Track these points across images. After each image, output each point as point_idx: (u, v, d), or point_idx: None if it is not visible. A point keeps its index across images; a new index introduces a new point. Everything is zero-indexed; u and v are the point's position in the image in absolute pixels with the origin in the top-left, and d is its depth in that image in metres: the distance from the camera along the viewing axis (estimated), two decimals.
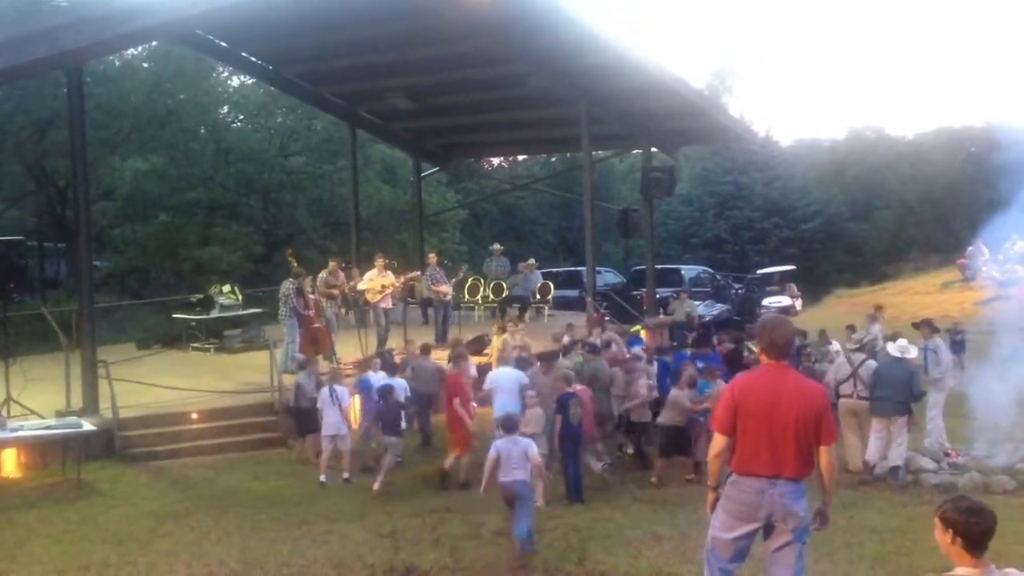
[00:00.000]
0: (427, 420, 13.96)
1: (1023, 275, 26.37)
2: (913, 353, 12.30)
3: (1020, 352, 14.60)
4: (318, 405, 12.45)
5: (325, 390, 12.38)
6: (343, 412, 12.29)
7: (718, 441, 5.94)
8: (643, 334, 17.76)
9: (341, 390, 12.44)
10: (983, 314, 20.36)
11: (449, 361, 13.76)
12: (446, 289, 19.15)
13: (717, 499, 5.98)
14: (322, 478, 11.96)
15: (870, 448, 11.85)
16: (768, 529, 5.84)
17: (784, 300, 32.04)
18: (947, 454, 12.31)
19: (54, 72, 17.87)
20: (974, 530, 3.87)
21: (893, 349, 12.23)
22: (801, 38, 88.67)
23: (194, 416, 13.65)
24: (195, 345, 19.02)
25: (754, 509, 5.80)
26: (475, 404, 12.54)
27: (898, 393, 11.78)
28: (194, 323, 19.32)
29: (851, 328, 15.62)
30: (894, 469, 11.56)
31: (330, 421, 12.18)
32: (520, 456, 9.27)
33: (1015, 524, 9.25)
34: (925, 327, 13.96)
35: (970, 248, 28.10)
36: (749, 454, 5.79)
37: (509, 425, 9.59)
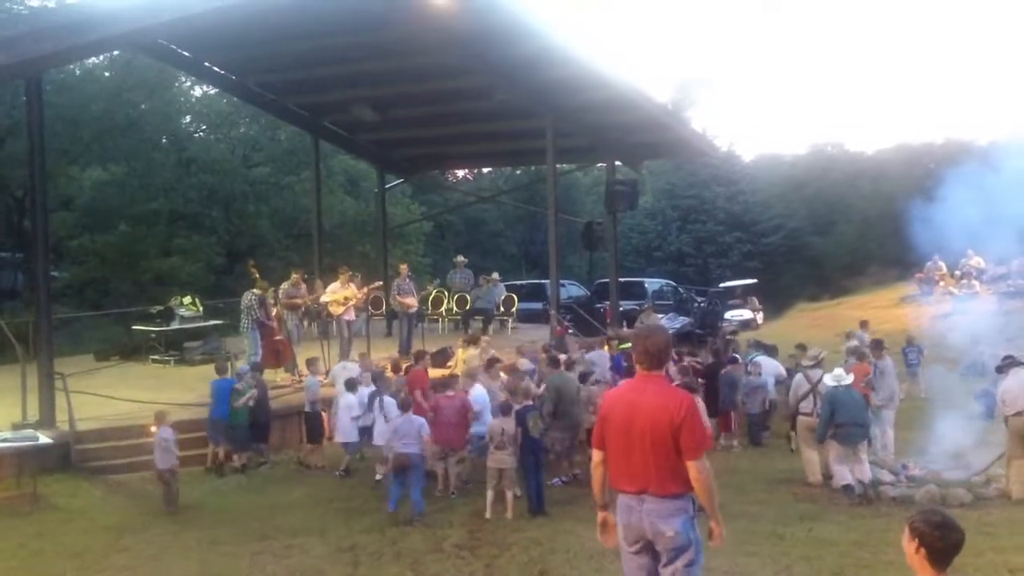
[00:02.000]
0: None
1: (979, 290, 26.76)
2: (850, 379, 12.31)
3: (975, 366, 14.85)
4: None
5: (377, 400, 12.55)
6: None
7: (593, 456, 5.75)
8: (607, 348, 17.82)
9: (389, 401, 12.39)
10: (939, 328, 20.63)
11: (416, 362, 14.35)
12: (412, 301, 19.09)
13: (604, 520, 5.71)
14: (378, 477, 12.29)
15: (840, 473, 11.84)
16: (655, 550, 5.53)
17: (746, 313, 32.32)
18: (905, 467, 12.43)
19: (13, 80, 17.66)
20: (938, 545, 3.92)
21: (829, 379, 12.21)
22: (764, 54, 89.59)
23: (153, 429, 13.46)
24: (155, 357, 18.80)
25: (628, 528, 5.53)
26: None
27: (860, 418, 11.87)
28: (154, 335, 19.10)
29: (801, 347, 15.73)
30: (847, 487, 11.64)
31: (378, 430, 12.29)
32: (416, 432, 10.91)
33: (971, 537, 9.35)
34: (875, 348, 14.09)
35: (928, 263, 28.46)
36: (616, 470, 5.55)
37: (405, 405, 11.24)
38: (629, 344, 18.05)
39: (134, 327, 19.85)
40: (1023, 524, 10.02)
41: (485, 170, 45.53)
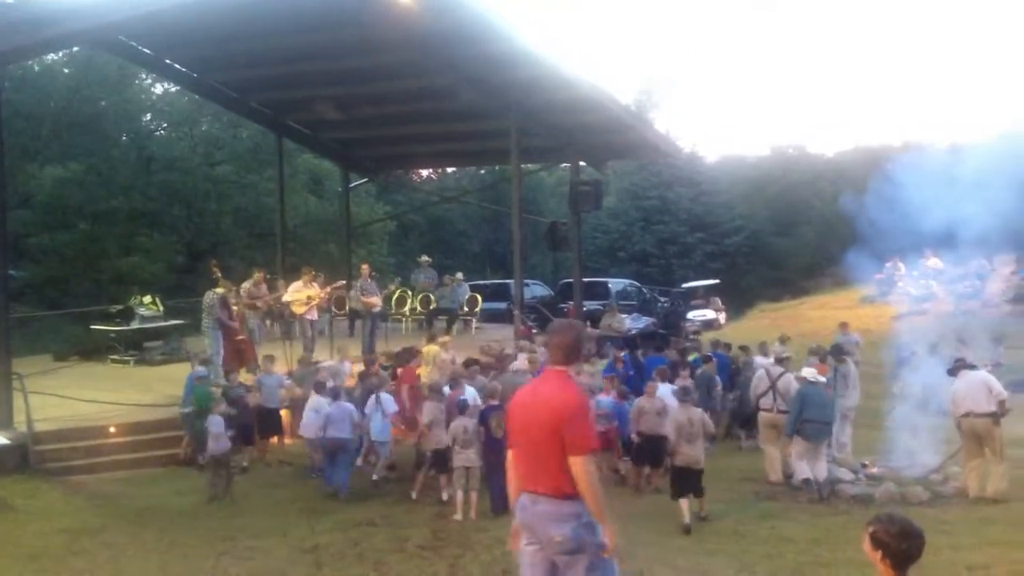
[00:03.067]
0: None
1: (937, 290, 27.09)
2: (823, 379, 12.55)
3: (930, 365, 15.01)
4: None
5: (372, 397, 12.66)
6: (387, 419, 12.53)
7: (508, 455, 5.60)
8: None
9: (386, 397, 12.64)
10: (897, 328, 20.88)
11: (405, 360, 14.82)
12: (376, 301, 19.01)
13: (515, 528, 5.51)
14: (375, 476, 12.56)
15: (800, 468, 11.99)
16: None
17: (708, 314, 32.48)
18: (864, 465, 12.58)
19: None
20: (903, 555, 4.00)
21: (808, 374, 12.40)
22: (726, 57, 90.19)
23: (112, 430, 13.35)
24: (114, 357, 18.59)
25: (522, 526, 5.39)
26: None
27: (827, 416, 12.02)
28: (113, 335, 18.88)
29: (764, 345, 15.93)
30: (807, 481, 11.78)
31: (374, 427, 12.52)
32: (346, 418, 12.00)
33: (929, 535, 9.47)
34: (836, 353, 14.22)
35: (887, 264, 28.76)
36: (515, 467, 5.44)
37: (334, 393, 12.37)
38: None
39: (93, 327, 19.60)
40: (980, 522, 10.18)
41: (450, 170, 45.49)
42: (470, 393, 12.39)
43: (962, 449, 11.69)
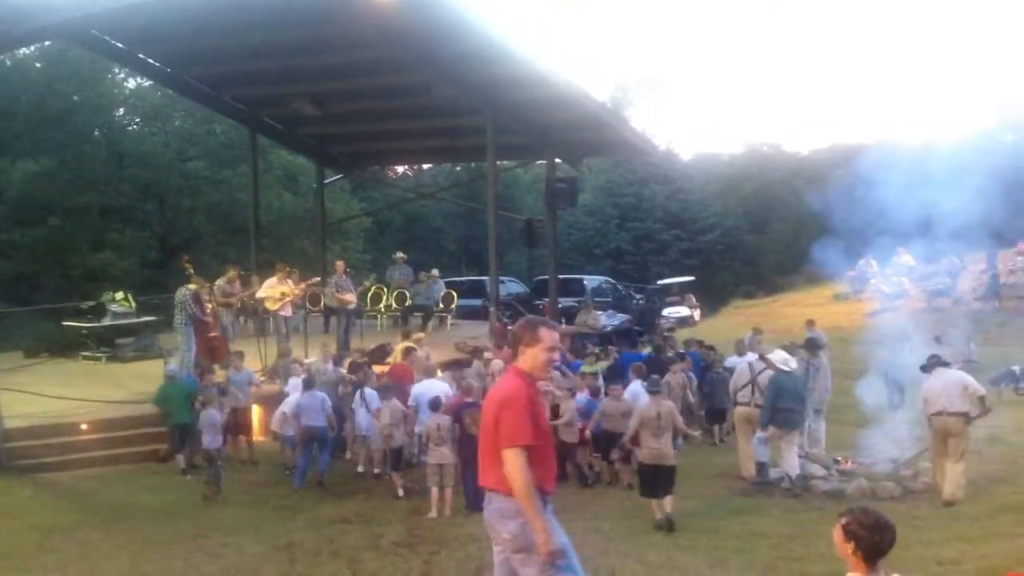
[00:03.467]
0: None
1: (909, 287, 27.35)
2: (795, 365, 12.62)
3: (900, 362, 15.15)
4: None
5: (358, 392, 12.87)
6: (372, 414, 12.56)
7: None
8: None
9: (371, 393, 12.73)
10: (870, 325, 21.06)
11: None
12: (351, 298, 18.96)
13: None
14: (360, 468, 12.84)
15: (760, 452, 12.10)
16: None
17: (683, 310, 32.63)
18: (836, 461, 12.66)
19: None
20: (875, 547, 4.01)
21: (779, 362, 12.47)
22: (702, 55, 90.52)
23: (84, 427, 13.25)
24: (86, 354, 18.43)
25: (486, 525, 5.35)
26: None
27: (799, 404, 12.10)
28: (85, 331, 18.72)
29: (741, 342, 16.05)
30: (763, 465, 11.89)
31: (360, 423, 12.73)
32: (319, 407, 12.32)
33: (901, 530, 9.54)
34: (810, 347, 14.27)
35: (860, 261, 28.99)
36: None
37: (307, 384, 12.60)
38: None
39: (65, 323, 19.43)
40: (951, 517, 10.27)
41: (426, 166, 45.37)
42: (442, 389, 12.37)
43: (931, 448, 11.72)
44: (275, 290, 17.09)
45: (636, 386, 12.81)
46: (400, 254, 24.44)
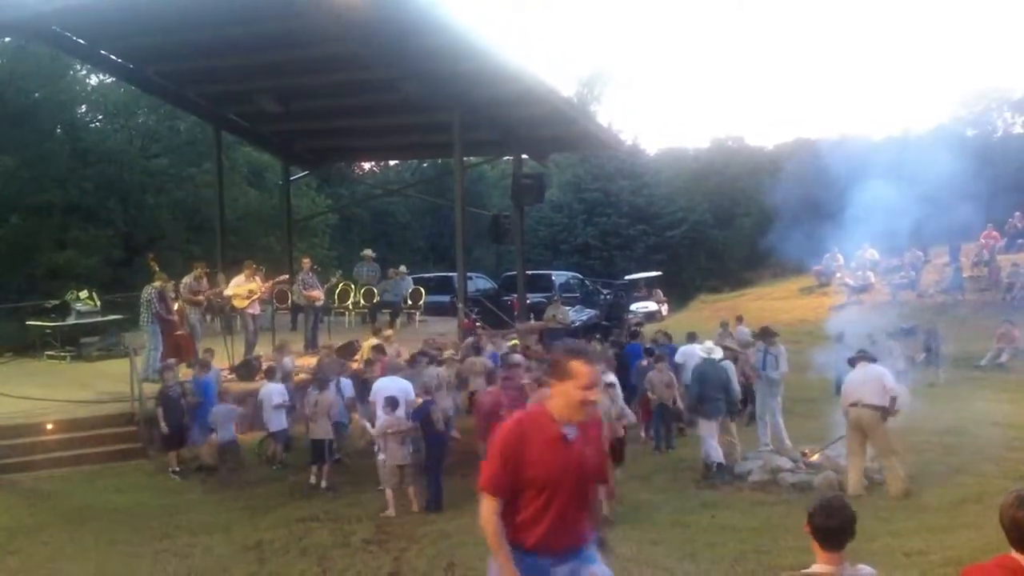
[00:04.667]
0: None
1: (873, 281, 27.64)
2: (719, 354, 12.80)
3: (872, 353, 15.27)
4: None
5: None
6: (345, 403, 12.92)
7: None
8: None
9: (345, 382, 13.15)
10: (835, 318, 21.25)
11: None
12: (318, 294, 18.89)
13: None
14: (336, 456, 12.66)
15: (710, 448, 12.22)
16: None
17: (651, 305, 32.81)
18: (804, 454, 12.76)
19: None
20: (822, 525, 4.04)
21: (701, 351, 12.71)
22: (668, 50, 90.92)
23: (49, 427, 13.11)
24: (50, 353, 18.22)
25: None
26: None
27: (720, 392, 12.24)
28: (49, 330, 18.52)
29: (692, 335, 16.22)
30: (720, 466, 12.00)
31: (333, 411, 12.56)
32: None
33: (868, 522, 9.65)
34: (767, 334, 14.34)
35: (826, 255, 29.26)
36: None
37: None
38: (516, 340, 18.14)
39: (28, 322, 19.20)
40: (917, 509, 10.38)
41: (392, 163, 45.26)
42: (402, 387, 12.31)
43: (847, 440, 11.81)
44: (243, 288, 16.98)
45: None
46: (368, 251, 24.35)
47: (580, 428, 4.46)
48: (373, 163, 44.36)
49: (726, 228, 48.13)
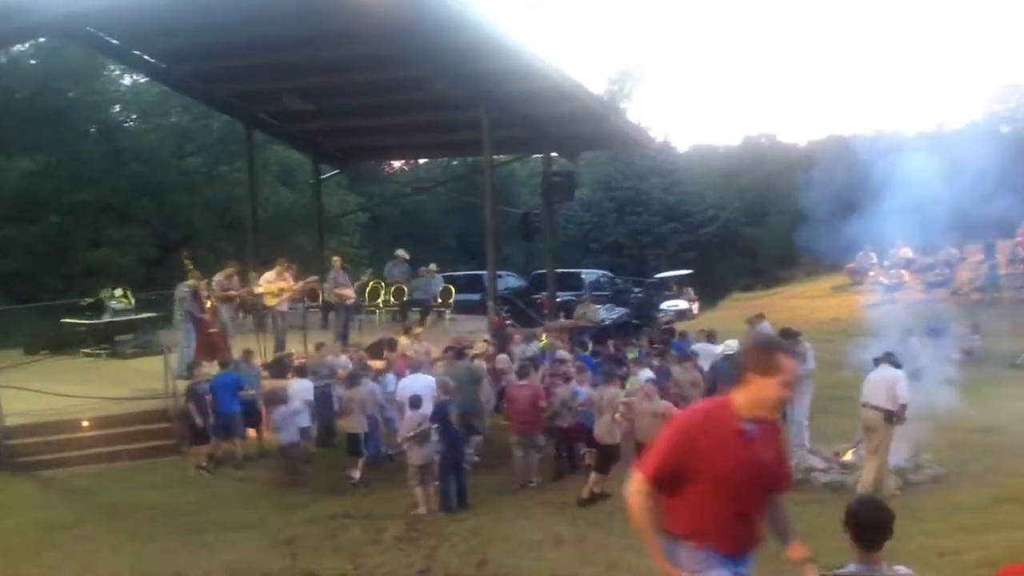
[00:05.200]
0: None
1: (908, 279, 27.35)
2: (736, 347, 12.77)
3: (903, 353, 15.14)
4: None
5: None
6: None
7: None
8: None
9: (391, 378, 13.56)
10: (869, 317, 21.05)
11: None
12: (349, 293, 18.98)
13: None
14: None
15: None
16: None
17: (681, 304, 32.60)
18: (836, 454, 12.66)
19: None
20: (856, 523, 4.01)
21: (720, 349, 12.70)
22: (698, 47, 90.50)
23: (85, 424, 13.25)
24: (85, 351, 18.42)
25: None
26: None
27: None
28: (85, 328, 18.71)
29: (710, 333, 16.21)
30: None
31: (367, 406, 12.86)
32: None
33: (902, 521, 9.54)
34: (788, 335, 14.22)
35: (859, 253, 28.99)
36: None
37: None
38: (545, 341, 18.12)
39: (64, 320, 19.41)
40: (952, 508, 10.28)
41: (421, 161, 45.33)
42: (426, 385, 12.31)
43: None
44: (273, 285, 17.09)
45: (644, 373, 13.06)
46: (401, 252, 24.31)
47: (760, 427, 4.22)
48: (403, 161, 44.42)
49: (758, 226, 47.80)
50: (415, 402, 11.24)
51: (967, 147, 16.08)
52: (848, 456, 12.46)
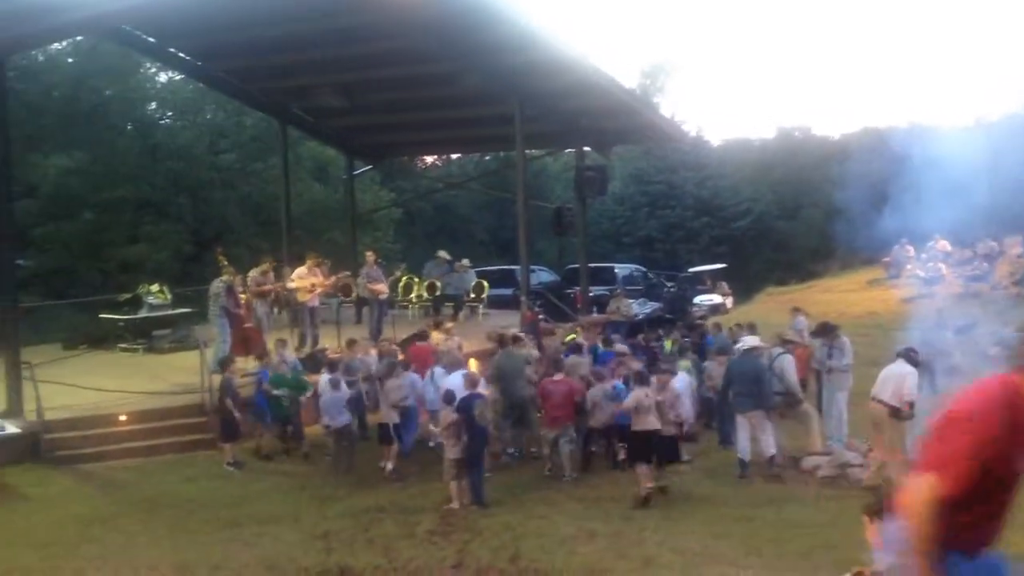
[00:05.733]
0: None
1: (945, 273, 27.03)
2: (751, 343, 12.67)
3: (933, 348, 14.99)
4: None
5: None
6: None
7: None
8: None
9: (439, 371, 13.46)
10: (906, 311, 20.83)
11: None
12: (382, 288, 19.04)
13: None
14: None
15: (739, 445, 12.11)
16: None
17: (715, 298, 32.46)
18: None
19: None
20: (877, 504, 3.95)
21: (750, 341, 12.62)
22: (731, 39, 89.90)
23: (122, 418, 13.40)
24: (123, 345, 18.65)
25: None
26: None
27: (748, 387, 12.06)
28: (122, 323, 18.94)
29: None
30: (771, 459, 11.82)
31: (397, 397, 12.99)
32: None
33: None
34: (826, 331, 14.14)
35: (895, 247, 28.71)
36: None
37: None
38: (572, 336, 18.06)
39: (102, 315, 19.66)
40: None
41: (454, 156, 45.39)
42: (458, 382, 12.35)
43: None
44: (306, 281, 17.19)
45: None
46: (443, 253, 24.11)
47: None
48: (435, 157, 44.50)
49: (792, 219, 47.42)
50: (449, 397, 11.27)
51: (1005, 139, 15.84)
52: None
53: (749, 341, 12.81)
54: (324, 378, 13.06)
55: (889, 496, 3.90)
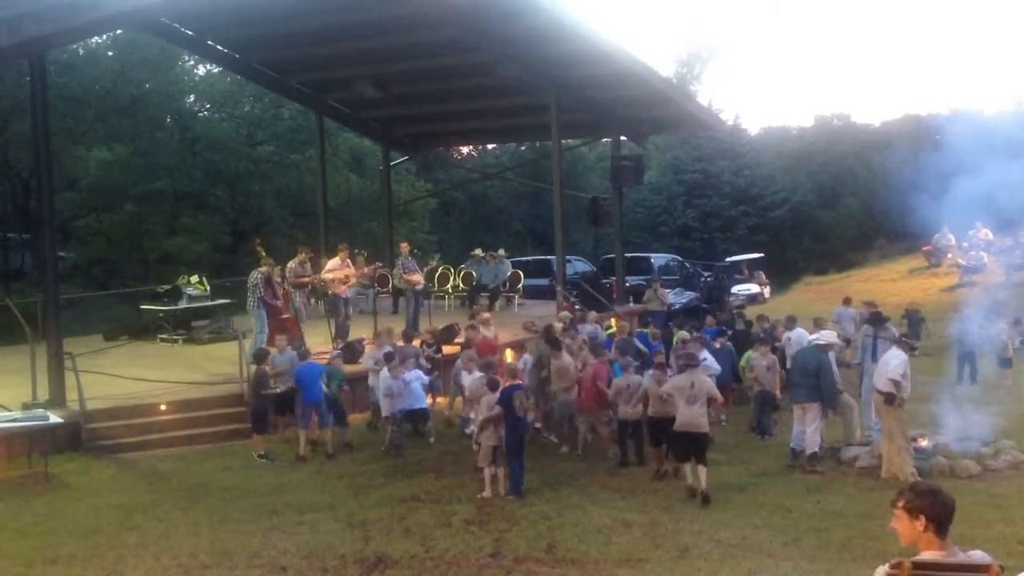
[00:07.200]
0: None
1: (987, 261, 26.67)
2: (819, 339, 12.56)
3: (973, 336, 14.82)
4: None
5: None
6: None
7: None
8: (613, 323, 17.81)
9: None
10: (948, 300, 20.60)
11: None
12: (418, 278, 19.05)
13: None
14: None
15: (794, 434, 12.04)
16: None
17: (752, 288, 32.23)
18: (914, 439, 12.41)
19: (16, 61, 17.64)
20: (943, 512, 3.91)
21: (826, 336, 12.62)
22: (768, 26, 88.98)
23: (162, 407, 13.55)
24: (163, 336, 18.84)
25: None
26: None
27: (805, 379, 11.96)
28: (162, 314, 19.14)
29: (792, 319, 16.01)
30: (812, 456, 11.68)
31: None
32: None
33: (979, 508, 9.41)
34: (876, 320, 14.02)
35: (936, 235, 28.37)
36: None
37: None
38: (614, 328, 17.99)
39: (142, 306, 19.89)
40: None
41: (490, 146, 45.39)
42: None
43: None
44: (340, 273, 17.26)
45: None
46: (478, 251, 23.87)
47: None
48: (471, 147, 44.52)
49: (831, 208, 46.94)
50: (493, 384, 11.31)
51: None
52: (924, 442, 12.20)
53: (825, 336, 12.68)
54: (384, 370, 13.11)
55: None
